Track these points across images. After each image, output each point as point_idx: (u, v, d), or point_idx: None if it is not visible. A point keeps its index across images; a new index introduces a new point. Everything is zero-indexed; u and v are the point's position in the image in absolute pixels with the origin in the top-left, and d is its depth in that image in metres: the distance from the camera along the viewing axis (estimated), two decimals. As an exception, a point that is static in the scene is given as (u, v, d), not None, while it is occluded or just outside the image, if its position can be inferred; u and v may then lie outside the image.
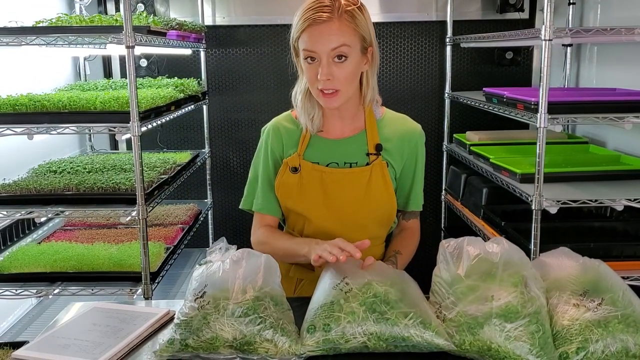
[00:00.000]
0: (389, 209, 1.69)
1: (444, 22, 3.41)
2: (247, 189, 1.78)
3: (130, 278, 2.24)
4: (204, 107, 3.49)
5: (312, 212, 1.65)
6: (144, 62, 3.49)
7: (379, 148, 1.67)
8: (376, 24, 3.52)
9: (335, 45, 1.52)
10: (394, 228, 1.82)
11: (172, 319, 1.42)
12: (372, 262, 1.36)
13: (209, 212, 3.56)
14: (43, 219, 2.57)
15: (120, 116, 2.13)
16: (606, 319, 1.17)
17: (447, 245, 1.31)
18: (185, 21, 2.99)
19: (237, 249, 1.35)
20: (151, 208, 2.22)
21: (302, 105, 1.66)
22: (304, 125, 1.68)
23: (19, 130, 2.11)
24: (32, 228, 2.74)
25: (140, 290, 2.19)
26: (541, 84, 2.02)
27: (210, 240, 3.58)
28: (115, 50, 3.11)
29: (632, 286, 1.28)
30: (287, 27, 1.59)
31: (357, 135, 1.69)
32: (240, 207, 1.80)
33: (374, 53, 1.62)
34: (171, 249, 2.54)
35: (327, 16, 1.51)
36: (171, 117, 2.65)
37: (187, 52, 3.42)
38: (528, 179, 2.24)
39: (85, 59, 3.33)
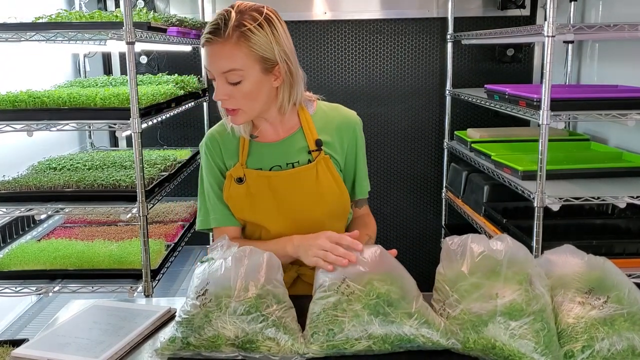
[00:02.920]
0: (342, 202, 1.66)
1: (445, 19, 3.40)
2: (199, 209, 1.71)
3: (130, 275, 2.23)
4: (204, 104, 3.47)
5: (266, 219, 1.61)
6: (144, 59, 3.48)
7: (319, 143, 1.62)
8: (376, 21, 3.54)
9: (224, 70, 1.46)
10: (353, 216, 1.78)
11: (173, 316, 1.41)
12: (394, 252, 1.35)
13: (209, 209, 3.55)
14: (43, 216, 2.56)
15: (120, 113, 2.12)
16: (612, 316, 1.17)
17: (450, 243, 1.29)
18: (185, 17, 2.98)
19: (239, 247, 1.35)
20: (151, 205, 2.21)
21: (224, 111, 1.59)
22: (238, 132, 1.62)
23: (18, 126, 2.09)
24: (32, 225, 2.73)
25: (140, 288, 2.18)
26: (543, 80, 2.02)
27: (211, 238, 3.57)
28: (115, 47, 3.10)
29: (635, 284, 1.27)
30: (287, 24, 1.57)
31: (294, 134, 1.64)
32: (197, 229, 1.74)
33: (286, 70, 1.52)
34: (172, 246, 2.53)
35: (216, 39, 1.44)
36: (171, 114, 2.64)
37: (188, 48, 3.41)
38: (530, 176, 2.24)
39: (85, 55, 3.32)
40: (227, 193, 1.63)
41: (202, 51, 1.50)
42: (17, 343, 1.39)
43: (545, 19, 1.99)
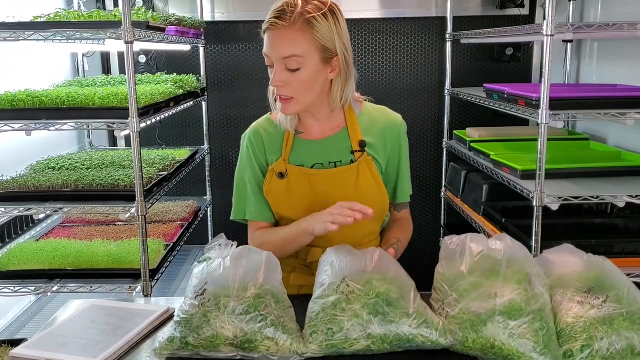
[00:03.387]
0: (381, 204, 1.66)
1: (444, 18, 3.39)
2: (235, 199, 1.73)
3: (129, 275, 2.23)
4: (203, 103, 3.47)
5: (303, 216, 1.60)
6: (142, 58, 3.47)
7: (362, 144, 1.63)
8: (376, 20, 3.54)
9: (285, 55, 1.48)
10: (387, 219, 1.79)
11: (171, 316, 1.41)
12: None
13: (209, 208, 3.55)
14: (41, 216, 2.56)
15: (119, 112, 2.12)
16: (611, 316, 1.17)
17: (449, 242, 1.29)
18: (184, 17, 2.98)
19: (238, 246, 1.34)
20: (150, 205, 2.21)
21: (274, 105, 1.63)
22: (284, 126, 1.64)
23: (17, 126, 2.09)
24: (31, 225, 2.73)
25: (139, 288, 2.18)
26: (542, 79, 2.01)
27: (210, 237, 3.57)
28: (113, 46, 3.10)
29: (634, 283, 1.27)
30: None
31: (339, 133, 1.65)
32: (231, 218, 1.75)
33: (343, 63, 1.54)
34: (170, 245, 2.53)
35: (281, 23, 1.47)
36: (170, 113, 2.64)
37: (186, 48, 3.40)
38: (529, 175, 2.23)
39: (83, 55, 3.32)
40: (267, 187, 1.64)
41: (264, 37, 1.52)
42: (15, 343, 1.38)
43: (544, 18, 1.99)
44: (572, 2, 3.08)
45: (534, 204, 2.09)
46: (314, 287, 1.32)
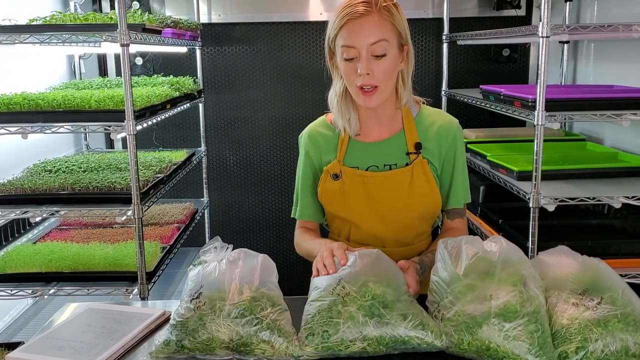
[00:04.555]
0: (433, 206, 1.67)
1: (441, 20, 3.40)
2: (294, 198, 1.79)
3: (126, 278, 2.23)
4: (200, 105, 3.47)
5: (357, 216, 1.63)
6: (139, 61, 3.47)
7: (418, 147, 1.64)
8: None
9: (374, 40, 1.51)
10: (441, 228, 1.79)
11: (168, 319, 1.41)
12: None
13: (206, 211, 3.55)
14: (38, 219, 2.56)
15: (115, 115, 2.12)
16: (606, 318, 1.17)
17: (445, 244, 1.30)
18: (180, 19, 2.98)
19: (233, 249, 1.34)
20: (147, 207, 2.21)
21: (338, 108, 1.64)
22: (341, 128, 1.66)
23: (13, 129, 2.09)
24: (27, 228, 2.73)
25: (136, 290, 2.18)
26: (538, 81, 2.02)
27: (207, 239, 3.57)
28: (110, 49, 3.09)
29: (630, 284, 1.28)
30: (283, 25, 1.59)
31: (396, 135, 1.66)
32: (291, 216, 1.80)
33: (409, 52, 1.60)
34: (167, 248, 2.52)
35: (364, 10, 1.51)
36: (167, 115, 2.64)
37: (183, 50, 3.40)
38: (525, 176, 2.24)
39: (80, 57, 3.31)
40: (322, 187, 1.67)
41: (342, 32, 1.53)
42: (12, 346, 1.38)
43: (540, 20, 1.99)
44: (568, 3, 3.09)
45: (531, 205, 2.09)
46: (309, 289, 1.32)
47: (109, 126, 2.12)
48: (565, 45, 3.15)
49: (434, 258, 1.59)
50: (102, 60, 3.54)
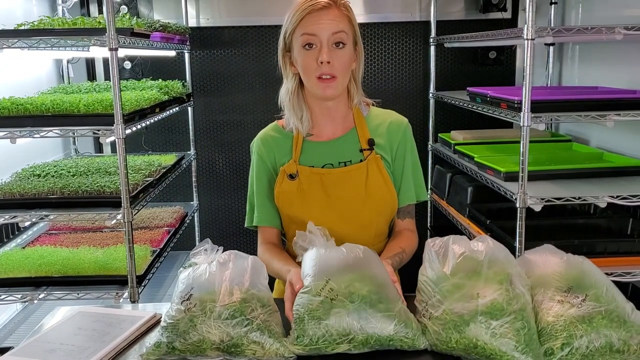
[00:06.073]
0: (390, 202, 1.69)
1: (428, 22, 3.43)
2: (247, 207, 1.79)
3: (116, 282, 2.23)
4: (189, 108, 3.47)
5: (316, 216, 1.61)
6: (127, 64, 3.47)
7: (371, 143, 1.69)
8: (360, 25, 3.51)
9: (335, 30, 1.57)
10: (393, 229, 1.78)
11: (158, 322, 1.41)
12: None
13: (195, 214, 3.55)
14: (27, 224, 2.54)
15: (104, 119, 2.12)
16: (590, 314, 1.18)
17: (432, 244, 1.31)
18: (169, 23, 2.98)
19: (223, 251, 1.35)
20: (136, 211, 2.21)
21: (290, 106, 1.67)
22: (294, 127, 1.69)
23: (1, 134, 2.09)
24: (17, 232, 2.72)
25: (126, 294, 2.18)
26: (524, 82, 2.04)
27: (197, 243, 3.56)
28: (98, 53, 3.09)
29: (615, 282, 1.29)
30: (271, 28, 1.61)
31: (348, 133, 1.71)
32: (245, 226, 1.80)
33: (361, 52, 1.68)
34: (157, 251, 2.53)
35: (326, 3, 1.58)
36: (156, 119, 2.64)
37: (172, 53, 3.41)
38: (512, 177, 2.26)
39: (68, 61, 3.31)
40: (278, 189, 1.68)
41: (302, 23, 1.58)
42: (2, 351, 1.38)
43: (525, 22, 2.01)
44: (553, 5, 3.13)
45: (517, 205, 2.12)
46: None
47: (98, 130, 2.12)
48: (551, 47, 3.19)
49: (402, 259, 1.65)
50: (90, 64, 3.54)
